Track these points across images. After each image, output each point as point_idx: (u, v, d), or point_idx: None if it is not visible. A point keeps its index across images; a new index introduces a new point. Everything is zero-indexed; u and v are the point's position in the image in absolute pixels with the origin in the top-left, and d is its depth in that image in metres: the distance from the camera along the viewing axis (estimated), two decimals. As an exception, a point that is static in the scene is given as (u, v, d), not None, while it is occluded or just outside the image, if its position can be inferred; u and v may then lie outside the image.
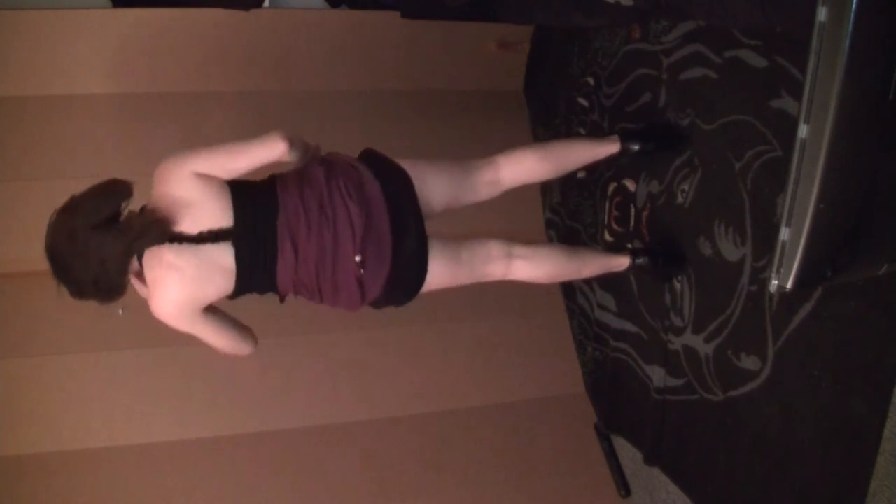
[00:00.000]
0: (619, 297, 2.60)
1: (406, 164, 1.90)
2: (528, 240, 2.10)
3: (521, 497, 2.68)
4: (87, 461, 2.52)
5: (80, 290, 1.64)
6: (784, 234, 1.23)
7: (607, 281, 2.68)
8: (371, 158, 1.93)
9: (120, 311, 2.64)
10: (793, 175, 1.20)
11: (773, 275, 1.27)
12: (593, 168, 2.74)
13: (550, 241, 3.10)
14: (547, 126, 3.11)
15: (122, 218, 1.65)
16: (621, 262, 2.19)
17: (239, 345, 1.84)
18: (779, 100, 1.83)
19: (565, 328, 3.00)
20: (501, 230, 2.36)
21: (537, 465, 2.75)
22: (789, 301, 1.79)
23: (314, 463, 2.65)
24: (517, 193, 3.16)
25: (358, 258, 1.77)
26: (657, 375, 2.34)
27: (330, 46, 3.04)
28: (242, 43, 2.95)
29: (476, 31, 3.14)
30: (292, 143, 1.76)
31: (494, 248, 1.99)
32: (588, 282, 2.80)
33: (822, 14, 1.11)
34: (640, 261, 2.19)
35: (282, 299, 1.87)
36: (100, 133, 2.80)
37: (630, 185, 2.49)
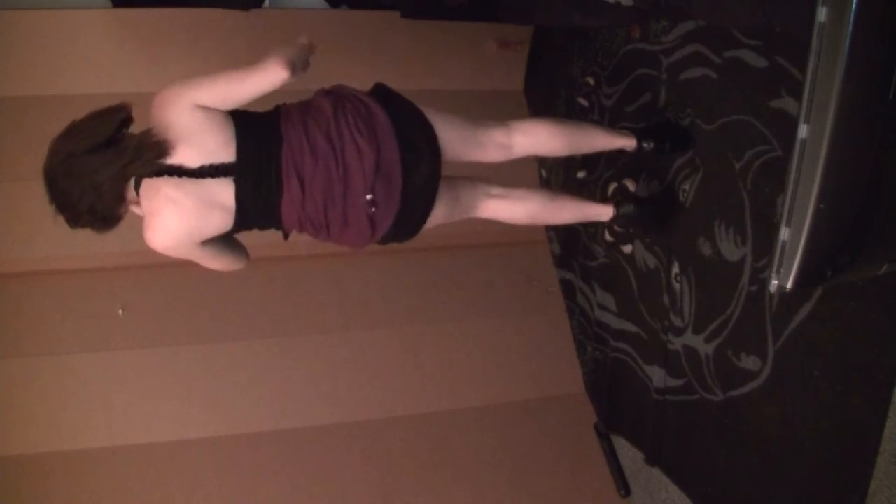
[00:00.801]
0: (619, 297, 2.60)
1: (416, 102, 1.88)
2: (528, 239, 2.11)
3: (521, 497, 2.68)
4: (87, 461, 2.52)
5: (75, 216, 1.61)
6: (784, 234, 1.23)
7: (607, 280, 2.68)
8: (381, 92, 1.89)
9: (120, 312, 2.65)
10: (793, 175, 1.20)
11: (773, 275, 1.27)
12: (593, 168, 2.74)
13: (551, 241, 3.10)
14: (547, 126, 3.11)
15: (118, 140, 1.61)
16: (604, 211, 2.19)
17: (233, 265, 1.87)
18: (779, 100, 1.83)
19: (565, 328, 3.00)
20: (501, 231, 2.37)
21: (537, 465, 2.75)
22: (789, 301, 1.79)
23: (314, 463, 2.65)
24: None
25: (369, 196, 1.74)
26: (657, 375, 2.34)
27: (330, 46, 3.04)
28: (242, 43, 2.95)
29: (476, 31, 3.14)
30: (293, 67, 1.70)
31: (480, 186, 2.03)
32: (588, 281, 2.80)
33: (822, 14, 1.11)
34: (646, 144, 2.15)
35: (286, 236, 1.84)
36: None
37: (630, 184, 2.48)
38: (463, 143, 1.92)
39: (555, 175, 3.04)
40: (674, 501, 2.34)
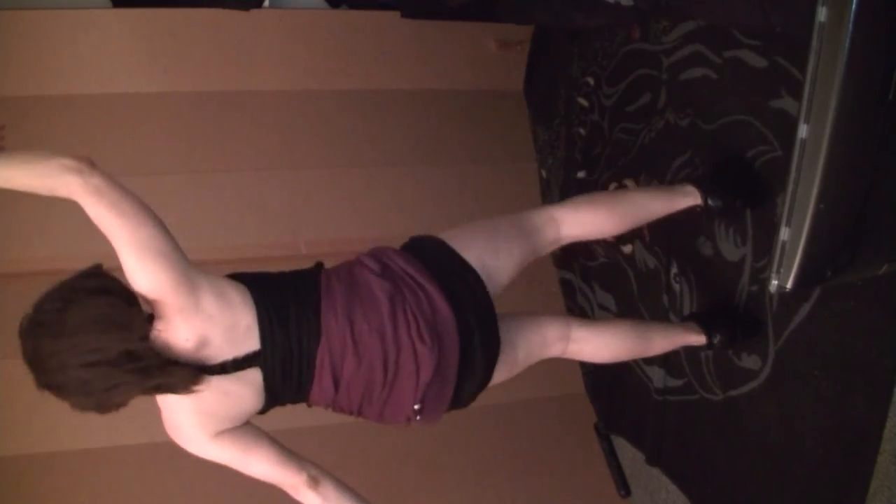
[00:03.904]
0: (619, 297, 2.60)
1: (472, 259, 1.60)
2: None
3: (521, 497, 2.68)
4: (87, 461, 2.52)
5: (74, 408, 1.36)
6: (784, 234, 1.23)
7: (607, 280, 2.68)
8: (432, 260, 1.59)
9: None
10: (793, 175, 1.20)
11: (773, 275, 1.27)
12: (593, 168, 2.74)
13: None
14: (547, 126, 3.11)
15: (136, 354, 1.31)
16: (696, 339, 1.91)
17: (290, 478, 1.50)
18: (779, 100, 1.83)
19: (565, 328, 3.00)
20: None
21: (537, 465, 2.75)
22: (789, 301, 1.79)
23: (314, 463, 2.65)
24: (516, 193, 3.17)
25: (417, 406, 1.54)
26: (657, 375, 2.34)
27: (330, 46, 3.04)
28: (242, 43, 2.95)
29: (476, 31, 3.14)
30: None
31: (550, 332, 1.76)
32: (588, 281, 2.80)
33: (822, 14, 1.11)
34: (713, 202, 1.84)
35: (310, 406, 1.60)
36: (100, 133, 2.80)
37: (630, 185, 2.49)
38: (522, 262, 1.70)
39: (554, 175, 3.04)
40: (674, 501, 2.34)
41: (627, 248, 2.52)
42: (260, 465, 1.50)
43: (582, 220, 1.79)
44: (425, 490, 2.63)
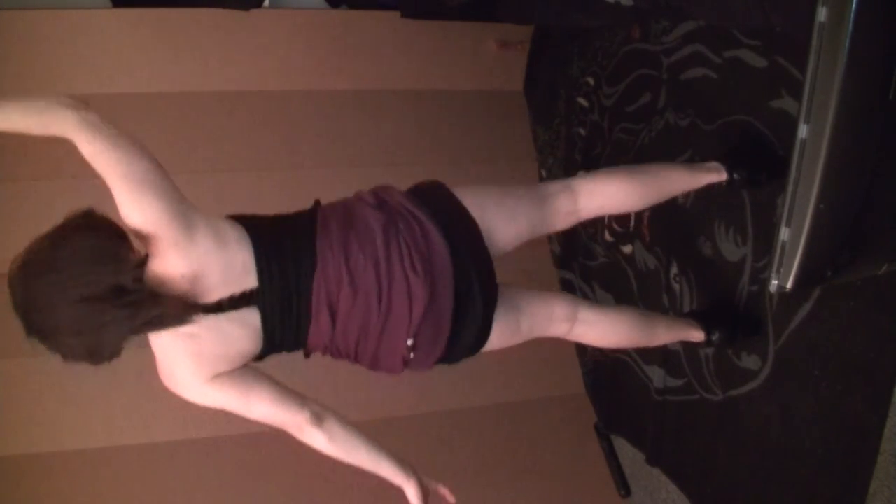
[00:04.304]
0: (619, 298, 2.60)
1: (473, 207, 1.57)
2: (531, 245, 1.99)
3: (521, 497, 2.68)
4: (87, 461, 2.52)
5: (66, 358, 1.35)
6: (784, 234, 1.23)
7: (607, 280, 2.68)
8: (432, 200, 1.58)
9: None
10: (793, 175, 1.20)
11: (773, 275, 1.27)
12: (593, 168, 2.74)
13: (551, 241, 3.10)
14: (547, 126, 3.11)
15: (127, 289, 1.28)
16: (697, 335, 1.91)
17: (292, 417, 1.48)
18: (779, 100, 1.83)
19: (565, 328, 3.00)
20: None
21: (537, 465, 2.75)
22: (789, 301, 1.79)
23: (314, 463, 2.64)
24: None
25: (410, 342, 1.51)
26: (657, 376, 2.34)
27: (330, 46, 3.04)
28: (242, 43, 2.95)
29: (476, 31, 3.14)
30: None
31: (558, 309, 1.73)
32: (588, 281, 2.80)
33: (822, 14, 1.11)
34: (738, 175, 1.80)
35: (307, 355, 1.59)
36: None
37: (630, 185, 2.48)
38: (529, 230, 1.66)
39: (554, 176, 3.04)
40: (674, 501, 2.34)
41: (627, 248, 2.52)
42: (261, 405, 1.46)
43: (601, 191, 1.72)
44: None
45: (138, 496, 2.52)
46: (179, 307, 1.32)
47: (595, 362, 2.81)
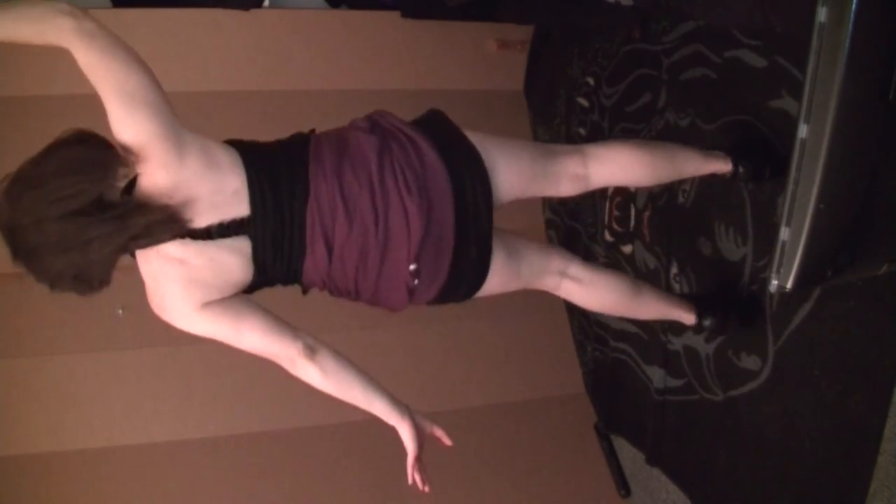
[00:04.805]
0: (619, 297, 2.60)
1: (474, 139, 1.54)
2: (527, 237, 1.98)
3: (521, 497, 2.68)
4: (87, 461, 2.52)
5: (54, 283, 1.28)
6: (784, 234, 1.23)
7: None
8: (433, 126, 1.55)
9: (120, 312, 2.64)
10: (793, 175, 1.20)
11: (773, 274, 1.27)
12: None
13: (551, 240, 3.10)
14: (547, 126, 3.11)
15: (113, 202, 1.25)
16: (687, 317, 1.89)
17: (284, 349, 1.45)
18: (779, 100, 1.83)
19: (565, 328, 3.00)
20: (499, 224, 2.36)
21: (537, 465, 2.75)
22: (789, 301, 1.79)
23: (314, 463, 2.65)
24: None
25: (412, 267, 1.45)
26: (657, 376, 2.34)
27: (330, 46, 3.04)
28: (242, 43, 2.95)
29: (476, 31, 3.14)
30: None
31: (553, 259, 1.72)
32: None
33: (822, 14, 1.11)
34: (742, 168, 1.80)
35: (305, 291, 1.55)
36: (100, 133, 2.80)
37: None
38: (532, 179, 1.61)
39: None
40: (674, 501, 2.34)
41: (627, 248, 2.52)
42: (252, 335, 1.42)
43: (614, 159, 1.68)
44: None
45: (138, 496, 2.52)
46: (166, 215, 1.28)
47: (595, 362, 2.81)
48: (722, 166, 1.80)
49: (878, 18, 1.10)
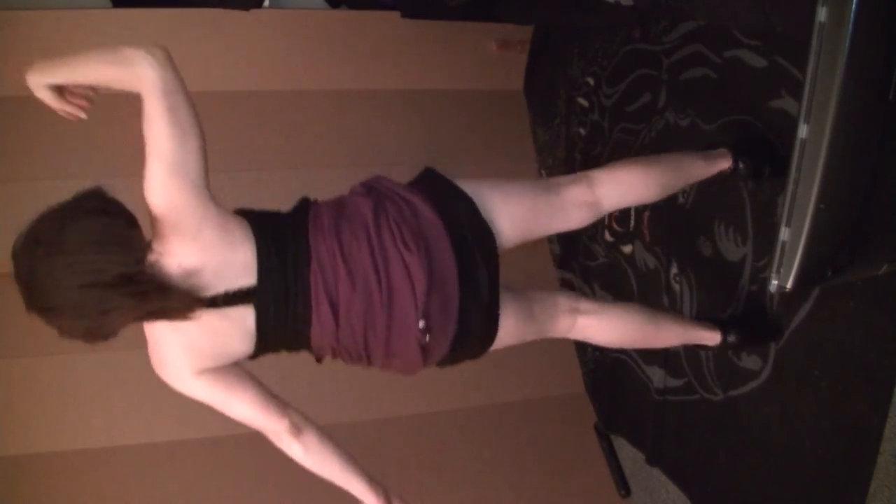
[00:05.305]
0: (619, 298, 2.60)
1: (466, 186, 1.55)
2: (531, 245, 1.95)
3: (521, 497, 2.67)
4: (87, 461, 2.52)
5: (63, 333, 1.32)
6: (784, 234, 1.23)
7: (607, 280, 2.68)
8: (421, 180, 1.58)
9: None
10: (793, 175, 1.20)
11: (773, 274, 1.27)
12: (593, 167, 2.74)
13: (551, 241, 3.10)
14: (547, 126, 3.11)
15: (133, 279, 1.27)
16: (710, 336, 1.84)
17: (272, 423, 1.48)
18: (779, 100, 1.83)
19: (565, 328, 3.00)
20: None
21: (537, 465, 2.75)
22: (789, 301, 1.79)
23: (314, 463, 2.65)
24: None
25: (421, 324, 1.44)
26: (657, 376, 2.34)
27: (330, 46, 3.04)
28: (242, 43, 2.95)
29: (476, 31, 3.14)
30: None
31: (562, 300, 1.69)
32: (588, 281, 2.80)
33: (822, 14, 1.11)
34: (742, 165, 1.79)
35: (319, 360, 1.57)
36: (100, 133, 2.80)
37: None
38: (536, 215, 1.58)
39: (555, 174, 3.04)
40: (674, 501, 2.34)
41: (627, 248, 2.52)
42: (242, 406, 1.46)
43: (620, 179, 1.66)
44: (425, 490, 2.63)
45: (138, 496, 2.52)
46: (184, 302, 1.31)
47: (595, 362, 2.81)
48: (725, 163, 1.80)
49: (878, 18, 1.10)
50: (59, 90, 1.42)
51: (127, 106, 3.10)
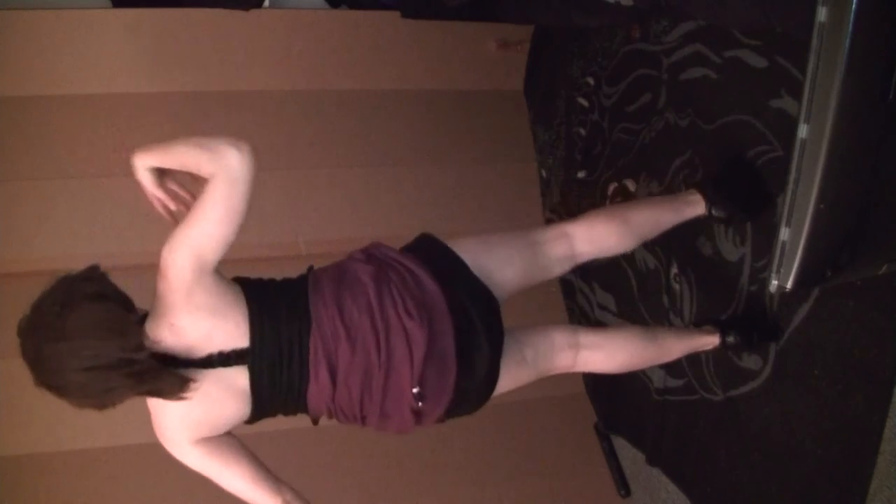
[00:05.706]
0: (619, 298, 2.60)
1: (461, 250, 1.60)
2: None
3: (521, 497, 2.68)
4: (87, 461, 2.52)
5: (73, 405, 1.38)
6: (784, 234, 1.23)
7: (607, 280, 2.68)
8: (419, 248, 1.62)
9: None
10: (793, 175, 1.20)
11: (773, 275, 1.27)
12: (593, 168, 2.74)
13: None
14: (547, 126, 3.11)
15: (132, 360, 1.32)
16: (711, 341, 1.88)
17: (265, 499, 1.50)
18: (779, 100, 1.83)
19: (565, 328, 3.00)
20: (499, 230, 2.36)
21: (537, 465, 2.75)
22: (789, 301, 1.79)
23: (314, 463, 2.65)
24: (516, 193, 3.17)
25: (416, 390, 1.47)
26: (657, 376, 2.34)
27: (330, 46, 3.04)
28: (242, 43, 2.95)
29: (476, 31, 3.14)
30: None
31: (558, 338, 1.71)
32: (588, 281, 2.80)
33: (822, 14, 1.11)
34: (716, 213, 1.85)
35: (315, 422, 1.58)
36: (100, 133, 2.80)
37: (630, 185, 2.49)
38: (525, 275, 1.67)
39: (555, 175, 3.04)
40: (674, 501, 2.34)
41: (627, 248, 2.52)
42: (235, 480, 1.50)
43: (598, 238, 1.74)
44: (425, 490, 2.63)
45: (138, 496, 2.51)
46: (177, 383, 1.36)
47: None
48: (700, 210, 1.85)
49: (878, 18, 1.10)
50: (160, 175, 1.44)
51: (127, 106, 3.11)
